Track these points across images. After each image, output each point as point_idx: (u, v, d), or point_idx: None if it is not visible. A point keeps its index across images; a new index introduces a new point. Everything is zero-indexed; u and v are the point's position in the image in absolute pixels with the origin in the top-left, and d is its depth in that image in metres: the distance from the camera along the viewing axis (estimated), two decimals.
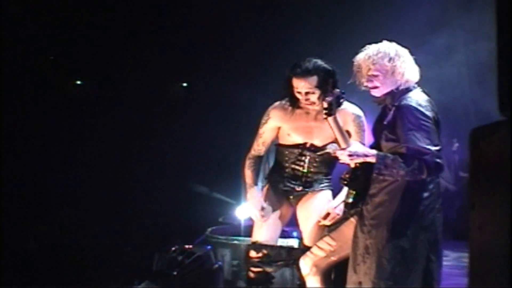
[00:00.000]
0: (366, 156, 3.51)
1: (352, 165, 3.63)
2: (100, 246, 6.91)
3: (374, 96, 3.65)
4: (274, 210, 4.37)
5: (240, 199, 7.51)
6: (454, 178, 8.96)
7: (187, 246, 5.65)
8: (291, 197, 4.38)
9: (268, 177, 4.47)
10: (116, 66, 8.66)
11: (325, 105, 3.62)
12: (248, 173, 4.39)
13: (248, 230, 6.33)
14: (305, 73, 4.06)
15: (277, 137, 4.38)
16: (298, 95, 4.15)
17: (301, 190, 4.35)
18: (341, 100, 3.73)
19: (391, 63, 3.55)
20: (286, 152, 4.34)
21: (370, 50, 3.60)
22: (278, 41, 7.98)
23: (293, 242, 5.82)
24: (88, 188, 8.11)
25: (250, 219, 4.63)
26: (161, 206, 8.12)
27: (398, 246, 3.48)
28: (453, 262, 6.80)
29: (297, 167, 4.31)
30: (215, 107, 8.93)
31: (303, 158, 4.29)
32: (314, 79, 4.05)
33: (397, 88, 3.56)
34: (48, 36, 8.24)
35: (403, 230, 3.49)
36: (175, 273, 5.32)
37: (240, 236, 5.99)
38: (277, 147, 4.42)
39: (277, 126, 4.33)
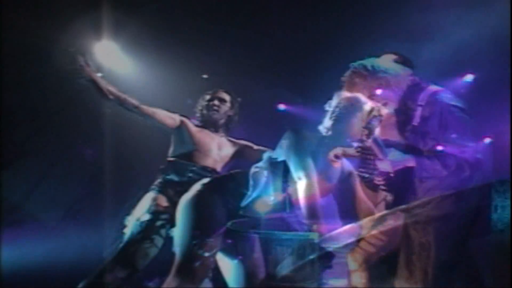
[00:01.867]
0: (405, 162, 3.54)
1: (392, 172, 3.67)
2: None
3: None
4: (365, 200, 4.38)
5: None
6: None
7: (207, 239, 5.65)
8: None
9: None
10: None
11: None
12: None
13: (268, 224, 6.35)
14: None
15: None
16: None
17: None
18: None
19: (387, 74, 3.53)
20: None
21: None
22: (302, 37, 7.95)
23: (313, 236, 5.83)
24: None
25: None
26: None
27: (455, 240, 3.50)
28: None
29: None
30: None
31: None
32: None
33: (410, 87, 3.54)
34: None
35: (456, 224, 3.50)
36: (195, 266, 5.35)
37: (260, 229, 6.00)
38: None
39: None
